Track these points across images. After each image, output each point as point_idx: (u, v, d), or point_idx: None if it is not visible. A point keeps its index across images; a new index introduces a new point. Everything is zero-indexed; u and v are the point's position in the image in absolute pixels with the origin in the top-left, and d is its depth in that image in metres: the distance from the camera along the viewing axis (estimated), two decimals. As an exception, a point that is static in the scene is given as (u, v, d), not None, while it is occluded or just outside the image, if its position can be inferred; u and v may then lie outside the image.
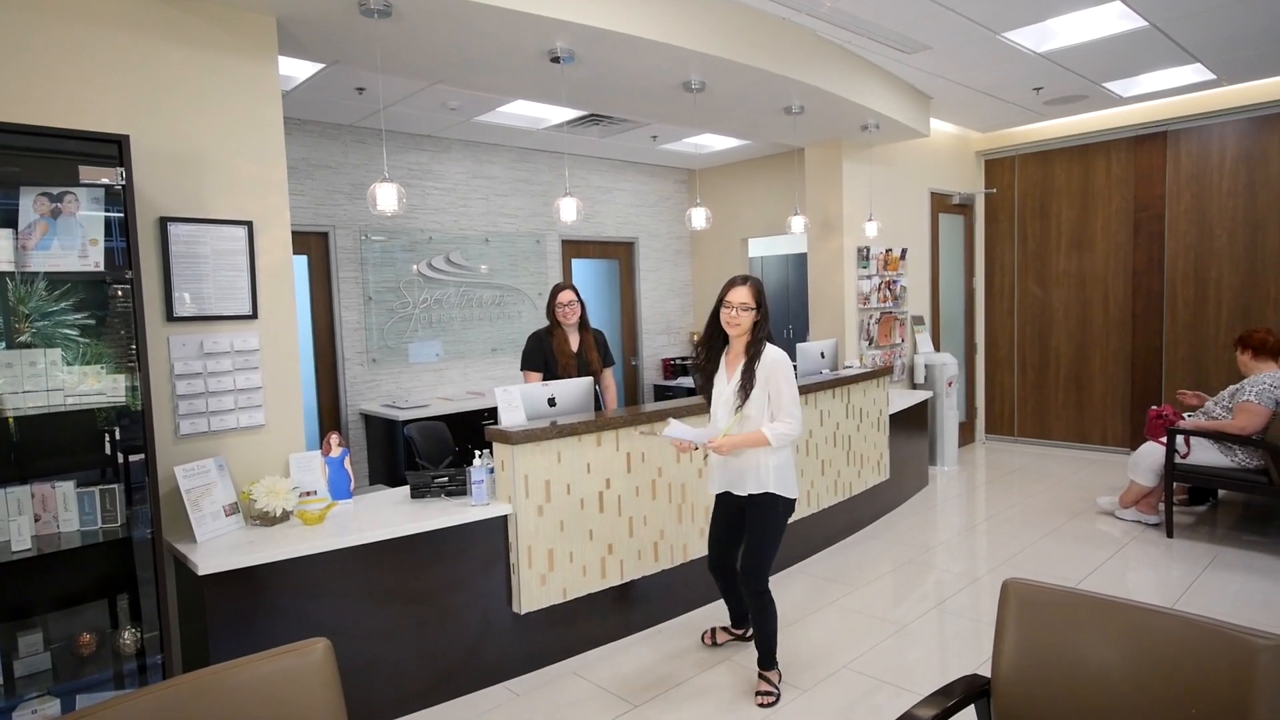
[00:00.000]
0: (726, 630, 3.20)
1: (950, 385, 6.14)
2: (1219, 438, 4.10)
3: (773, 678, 2.77)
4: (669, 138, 6.09)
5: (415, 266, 5.66)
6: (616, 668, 3.04)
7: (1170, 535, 4.32)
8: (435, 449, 3.88)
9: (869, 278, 5.81)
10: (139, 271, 2.17)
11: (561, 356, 3.89)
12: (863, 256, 5.74)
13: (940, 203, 6.65)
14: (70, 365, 2.18)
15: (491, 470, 3.00)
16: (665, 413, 3.14)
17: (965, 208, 6.94)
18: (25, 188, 2.10)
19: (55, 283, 2.17)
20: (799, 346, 4.41)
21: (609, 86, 4.01)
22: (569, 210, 3.42)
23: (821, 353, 4.51)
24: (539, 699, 2.83)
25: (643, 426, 3.14)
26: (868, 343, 5.84)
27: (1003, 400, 7.05)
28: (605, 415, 3.29)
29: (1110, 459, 6.18)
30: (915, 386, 6.21)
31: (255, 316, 2.81)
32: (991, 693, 1.66)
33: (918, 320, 6.40)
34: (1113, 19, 4.07)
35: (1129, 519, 4.62)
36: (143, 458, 2.20)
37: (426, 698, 2.78)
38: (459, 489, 3.01)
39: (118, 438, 2.34)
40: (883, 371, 4.81)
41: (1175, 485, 4.43)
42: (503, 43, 3.26)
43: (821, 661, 3.00)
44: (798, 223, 5.04)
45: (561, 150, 6.18)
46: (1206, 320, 5.87)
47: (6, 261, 2.03)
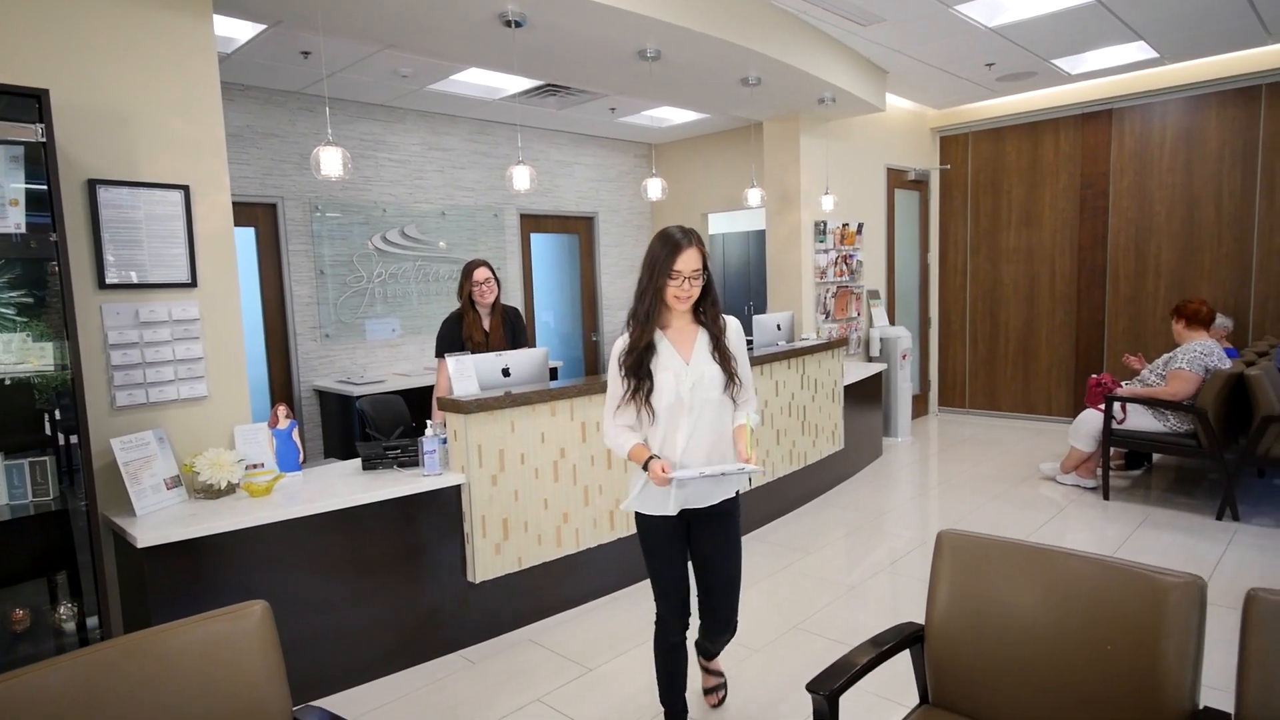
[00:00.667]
0: (710, 672, 2.52)
1: (904, 358, 6.26)
2: (1153, 404, 4.27)
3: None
4: (627, 110, 6.04)
5: (370, 240, 5.54)
6: (574, 634, 3.07)
7: (1106, 498, 4.50)
8: (389, 421, 3.82)
9: (826, 252, 5.88)
10: (64, 235, 2.09)
11: (472, 342, 3.59)
12: (820, 231, 5.80)
13: (896, 178, 6.73)
14: (-5, 333, 2.09)
15: (444, 440, 2.98)
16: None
17: (921, 184, 7.05)
18: (-63, 145, 1.99)
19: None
20: (755, 319, 4.45)
21: (563, 54, 3.96)
22: (522, 178, 3.38)
23: (778, 325, 4.56)
24: (495, 665, 2.84)
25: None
26: (824, 316, 5.92)
27: (955, 373, 7.23)
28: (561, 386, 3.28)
29: (1055, 428, 6.39)
30: (871, 359, 6.33)
31: (194, 285, 2.73)
32: (925, 638, 1.72)
33: (873, 294, 6.51)
34: (1060, -6, 4.15)
35: (1069, 483, 4.80)
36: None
37: (382, 667, 2.77)
38: (411, 460, 2.99)
39: (55, 411, 2.26)
40: (837, 343, 4.89)
41: (1112, 450, 4.62)
42: (452, 1, 3.18)
43: (774, 622, 3.07)
44: (754, 195, 5.06)
45: (517, 122, 6.08)
46: (1145, 293, 6.08)
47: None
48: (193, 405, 2.75)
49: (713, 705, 2.47)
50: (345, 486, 2.77)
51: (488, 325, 3.69)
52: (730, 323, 2.12)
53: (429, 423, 2.97)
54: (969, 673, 1.67)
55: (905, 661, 1.78)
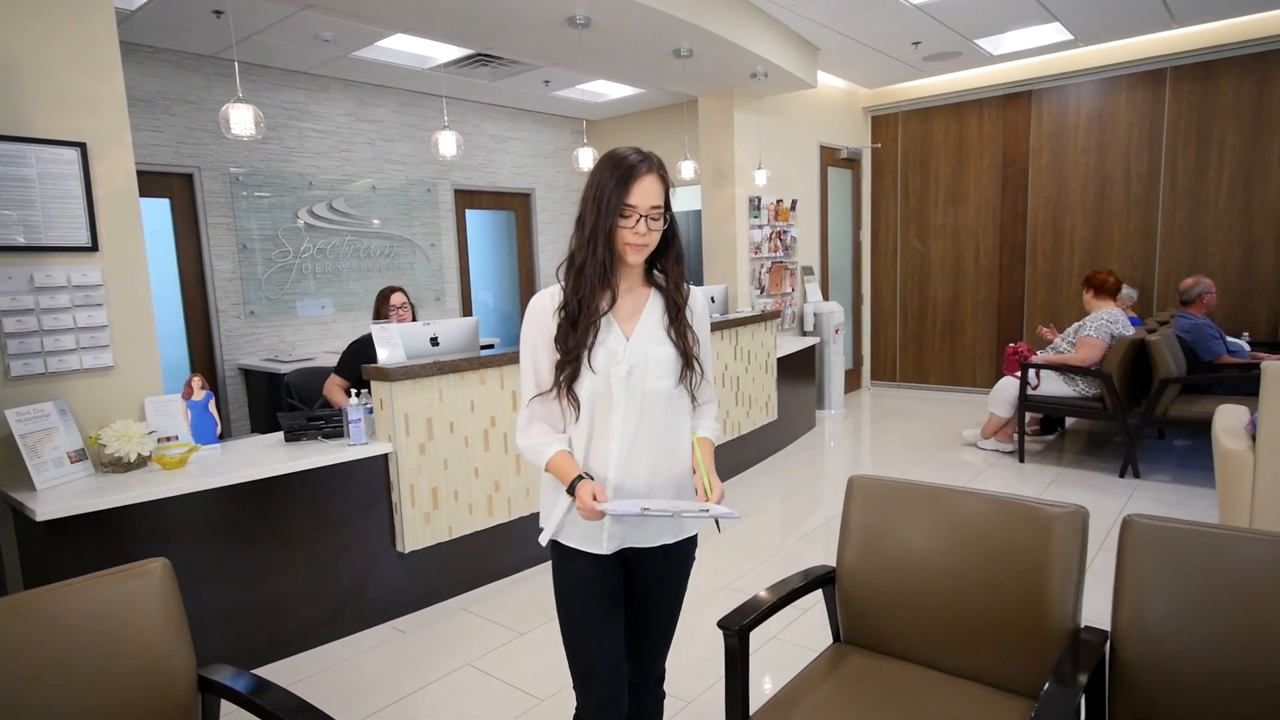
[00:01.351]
0: None
1: (837, 333, 6.43)
2: (1064, 370, 4.51)
3: None
4: (562, 84, 5.97)
5: (298, 214, 5.35)
6: (507, 601, 3.07)
7: (1022, 461, 4.74)
8: (317, 393, 3.72)
9: (760, 227, 5.96)
10: (-58, 188, 1.95)
11: None
12: (754, 206, 5.88)
13: (829, 156, 6.87)
14: None
15: (370, 409, 2.93)
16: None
17: (853, 162, 7.21)
18: None
19: None
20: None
21: (490, 19, 3.88)
22: (448, 144, 3.31)
23: (712, 298, 4.62)
24: (426, 634, 2.82)
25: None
26: (759, 291, 6.02)
27: (886, 347, 7.46)
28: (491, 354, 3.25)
29: (980, 398, 6.66)
30: (805, 334, 6.47)
31: (95, 249, 2.58)
32: (836, 578, 1.79)
33: (807, 270, 6.64)
34: (979, -26, 4.28)
35: (989, 448, 5.03)
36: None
37: (310, 638, 2.72)
38: (336, 430, 2.92)
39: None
40: (771, 315, 4.98)
41: (1029, 416, 4.85)
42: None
43: (706, 584, 3.14)
44: (688, 167, 5.09)
45: (450, 94, 5.95)
46: (1061, 268, 6.39)
47: None
48: (98, 376, 2.62)
49: None
50: (266, 457, 2.69)
51: None
52: (695, 293, 1.53)
53: (353, 392, 2.91)
54: (875, 609, 1.74)
55: (824, 610, 1.84)
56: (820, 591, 1.81)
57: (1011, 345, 5.06)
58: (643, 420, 1.44)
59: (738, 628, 1.54)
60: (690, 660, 2.52)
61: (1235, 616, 1.36)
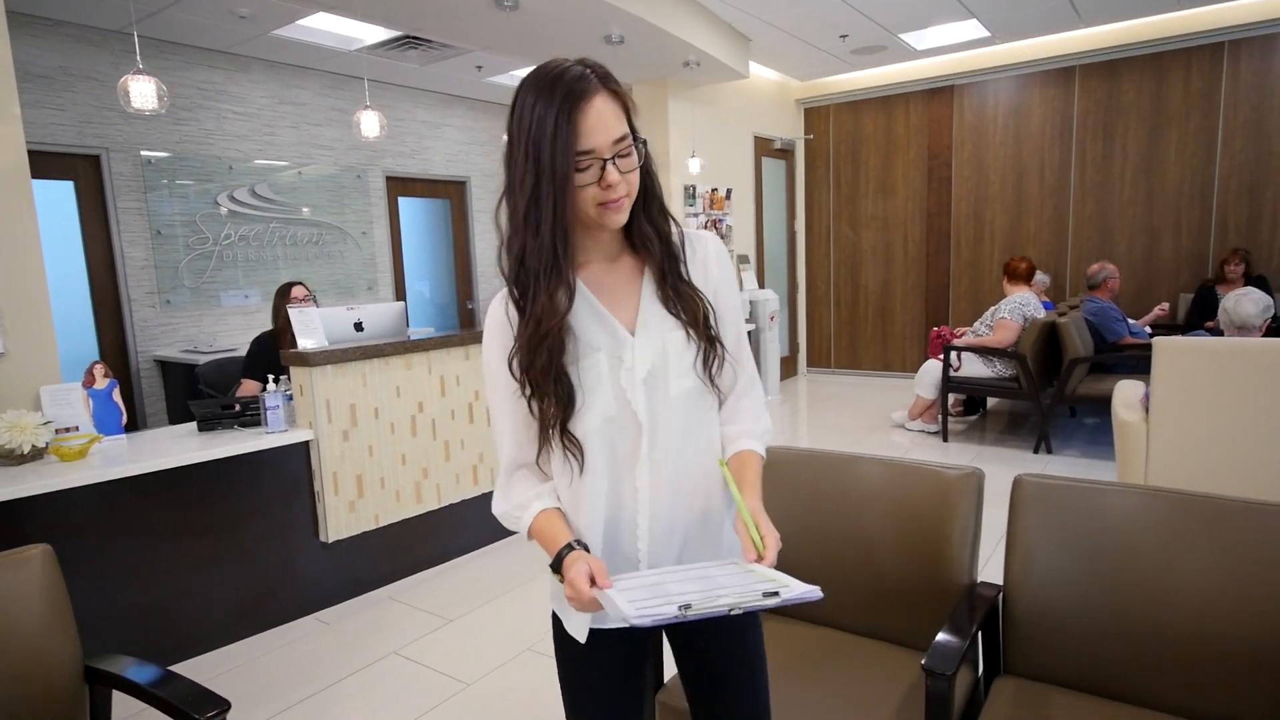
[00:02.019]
0: None
1: (773, 320, 6.54)
2: (983, 352, 4.71)
3: None
4: (495, 69, 5.89)
5: (218, 200, 5.12)
6: (437, 590, 3.03)
7: (946, 440, 4.93)
8: (231, 385, 3.58)
9: (696, 215, 6.01)
10: None
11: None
12: (689, 194, 5.92)
13: (763, 146, 6.97)
14: None
15: (290, 396, 2.84)
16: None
17: (787, 153, 7.34)
18: None
19: None
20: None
21: (416, -1, 3.80)
22: (370, 125, 3.23)
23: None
24: (351, 624, 2.76)
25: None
26: (696, 279, 6.07)
27: (821, 335, 7.64)
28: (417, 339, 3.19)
29: (908, 382, 6.90)
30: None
31: (-18, 228, 2.43)
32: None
33: (743, 259, 6.74)
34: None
35: (915, 429, 5.21)
36: None
37: (230, 632, 2.63)
38: (254, 419, 2.82)
39: None
40: (705, 302, 5.03)
41: (953, 398, 5.05)
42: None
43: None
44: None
45: (380, 79, 5.79)
46: (983, 256, 6.66)
47: None
48: (-13, 364, 2.46)
49: None
50: (178, 447, 2.58)
51: None
52: (706, 239, 1.10)
53: (270, 378, 2.82)
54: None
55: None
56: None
57: (935, 329, 5.25)
58: (682, 444, 1.02)
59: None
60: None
61: (1112, 562, 1.46)
